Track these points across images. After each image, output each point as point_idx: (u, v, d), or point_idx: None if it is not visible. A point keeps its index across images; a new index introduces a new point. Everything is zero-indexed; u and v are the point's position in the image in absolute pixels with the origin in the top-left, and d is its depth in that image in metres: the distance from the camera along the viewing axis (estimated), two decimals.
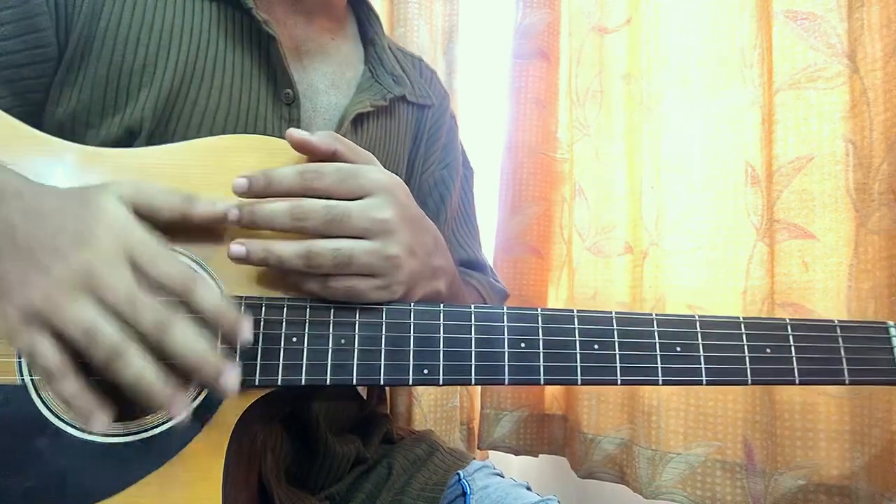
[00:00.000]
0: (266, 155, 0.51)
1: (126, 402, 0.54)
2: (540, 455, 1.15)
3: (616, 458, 1.01)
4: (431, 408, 1.10)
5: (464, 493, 0.68)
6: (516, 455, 1.14)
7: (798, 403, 0.80)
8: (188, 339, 0.43)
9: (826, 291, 0.79)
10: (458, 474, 0.70)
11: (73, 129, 0.58)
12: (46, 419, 0.46)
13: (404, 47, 0.85)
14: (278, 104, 0.63)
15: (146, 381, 0.42)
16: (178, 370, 0.44)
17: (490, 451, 1.16)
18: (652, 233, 0.95)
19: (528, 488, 0.70)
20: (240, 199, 0.49)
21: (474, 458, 0.74)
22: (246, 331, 0.45)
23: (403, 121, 0.75)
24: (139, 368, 0.42)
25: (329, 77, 0.70)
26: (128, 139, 0.58)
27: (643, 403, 0.95)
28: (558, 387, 1.14)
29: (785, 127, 0.83)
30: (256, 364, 0.47)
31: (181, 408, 0.43)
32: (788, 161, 0.82)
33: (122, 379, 0.43)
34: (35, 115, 0.58)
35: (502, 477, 0.73)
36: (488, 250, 1.15)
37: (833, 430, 0.78)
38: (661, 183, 0.95)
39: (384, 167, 0.69)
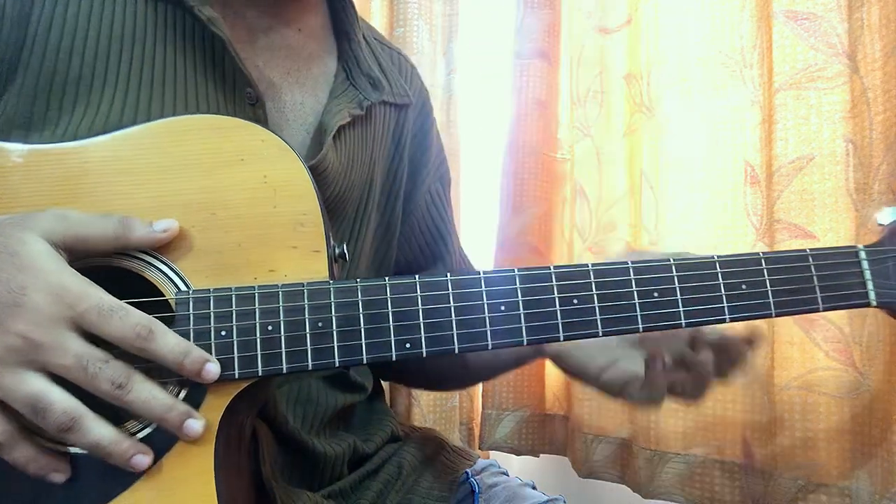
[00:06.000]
0: (215, 134, 0.49)
1: (111, 411, 0.54)
2: (541, 455, 1.15)
3: (616, 457, 1.01)
4: (431, 408, 1.11)
5: (473, 492, 0.68)
6: (518, 455, 1.14)
7: (798, 403, 0.80)
8: (147, 395, 0.43)
9: None
10: (467, 473, 0.70)
11: None
12: None
13: (388, 40, 0.80)
14: (241, 106, 0.58)
15: (104, 447, 0.42)
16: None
17: (490, 451, 1.16)
18: (652, 233, 0.95)
19: (534, 487, 0.70)
20: (183, 194, 0.48)
21: (479, 457, 0.74)
22: (212, 371, 0.45)
23: (381, 124, 0.70)
24: (95, 436, 0.42)
25: (293, 74, 0.64)
26: None
27: None
28: (560, 387, 1.14)
29: (785, 127, 0.82)
30: (234, 357, 0.46)
31: (143, 464, 0.43)
32: (788, 161, 0.82)
33: (78, 445, 0.43)
34: None
35: (507, 475, 0.73)
36: (489, 250, 1.15)
37: (833, 430, 0.78)
38: (660, 183, 0.95)
39: (361, 177, 0.68)
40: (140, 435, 0.46)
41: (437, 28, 1.18)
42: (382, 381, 0.81)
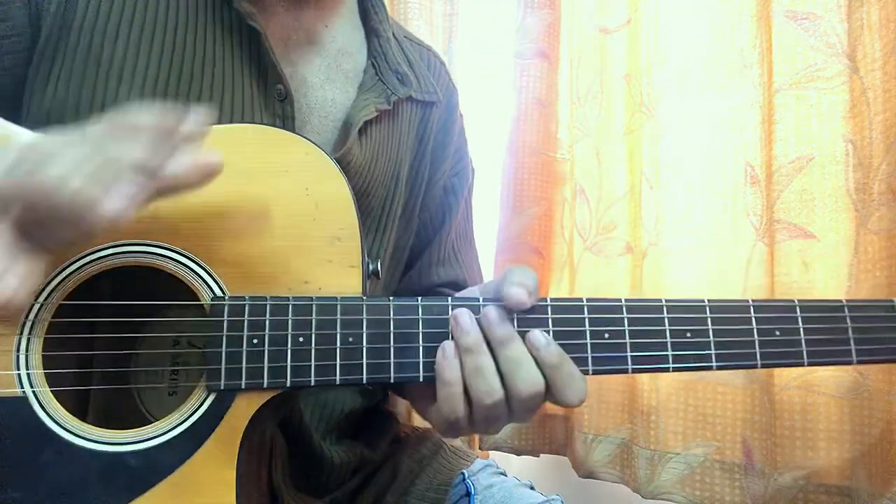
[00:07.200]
0: (262, 144, 0.50)
1: (135, 411, 0.54)
2: (541, 455, 1.15)
3: (616, 458, 1.01)
4: None
5: (468, 493, 0.68)
6: (518, 455, 1.14)
7: (798, 403, 0.80)
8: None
9: (826, 291, 0.79)
10: (463, 474, 0.70)
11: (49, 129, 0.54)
12: (52, 431, 0.45)
13: (418, 38, 0.81)
14: (270, 101, 0.60)
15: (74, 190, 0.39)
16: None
17: (490, 451, 1.16)
18: (651, 233, 0.95)
19: (532, 488, 0.70)
20: (226, 201, 0.48)
21: (477, 457, 0.74)
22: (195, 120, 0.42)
23: (407, 121, 0.71)
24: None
25: (323, 70, 0.66)
26: None
27: (643, 403, 0.95)
28: None
29: (785, 127, 0.82)
30: (264, 366, 0.47)
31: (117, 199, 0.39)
32: (788, 161, 0.82)
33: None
34: (10, 112, 0.54)
35: (505, 476, 0.73)
36: (489, 250, 1.15)
37: (833, 430, 0.78)
38: (660, 183, 0.95)
39: (387, 173, 0.68)
40: (164, 438, 0.46)
41: (437, 28, 1.18)
42: None
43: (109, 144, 0.40)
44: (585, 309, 0.50)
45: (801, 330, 0.53)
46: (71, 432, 0.45)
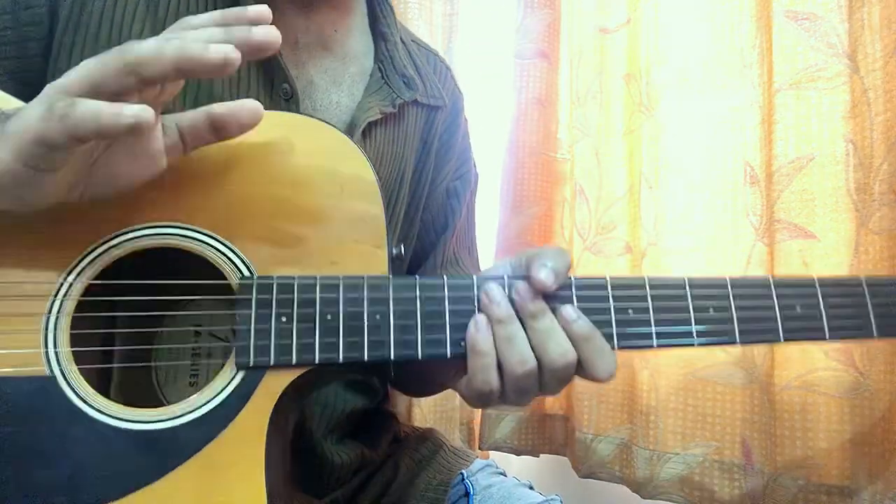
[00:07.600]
0: (288, 130, 0.51)
1: (154, 398, 0.54)
2: (541, 455, 1.15)
3: (616, 457, 1.01)
4: (431, 408, 1.10)
5: (467, 494, 0.68)
6: (518, 455, 1.15)
7: (797, 403, 0.80)
8: (92, 107, 0.38)
9: None
10: (462, 474, 0.70)
11: None
12: (79, 409, 0.45)
13: (425, 42, 0.81)
14: (276, 99, 0.60)
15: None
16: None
17: (491, 451, 1.16)
18: (651, 233, 0.95)
19: (531, 488, 0.70)
20: (253, 185, 0.49)
21: (477, 457, 0.74)
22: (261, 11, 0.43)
23: (412, 124, 0.71)
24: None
25: (329, 73, 0.66)
26: None
27: (642, 404, 0.95)
28: None
29: (785, 127, 0.83)
30: (292, 343, 0.47)
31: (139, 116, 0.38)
32: (788, 161, 0.82)
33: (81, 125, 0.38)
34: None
35: (505, 476, 0.73)
36: (489, 250, 1.15)
37: (833, 430, 0.78)
38: (660, 183, 0.95)
39: (391, 175, 0.68)
40: (194, 416, 0.46)
41: (437, 28, 1.18)
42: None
43: (186, 31, 0.41)
44: (609, 286, 0.51)
45: (822, 305, 0.53)
46: (99, 411, 0.45)
